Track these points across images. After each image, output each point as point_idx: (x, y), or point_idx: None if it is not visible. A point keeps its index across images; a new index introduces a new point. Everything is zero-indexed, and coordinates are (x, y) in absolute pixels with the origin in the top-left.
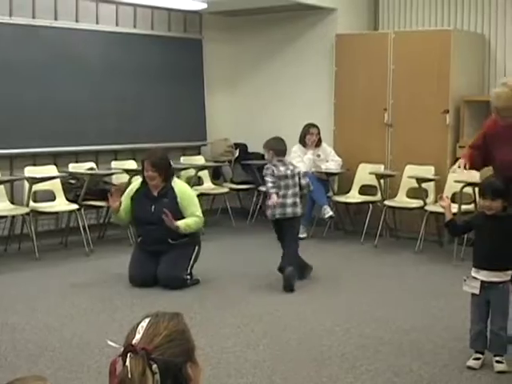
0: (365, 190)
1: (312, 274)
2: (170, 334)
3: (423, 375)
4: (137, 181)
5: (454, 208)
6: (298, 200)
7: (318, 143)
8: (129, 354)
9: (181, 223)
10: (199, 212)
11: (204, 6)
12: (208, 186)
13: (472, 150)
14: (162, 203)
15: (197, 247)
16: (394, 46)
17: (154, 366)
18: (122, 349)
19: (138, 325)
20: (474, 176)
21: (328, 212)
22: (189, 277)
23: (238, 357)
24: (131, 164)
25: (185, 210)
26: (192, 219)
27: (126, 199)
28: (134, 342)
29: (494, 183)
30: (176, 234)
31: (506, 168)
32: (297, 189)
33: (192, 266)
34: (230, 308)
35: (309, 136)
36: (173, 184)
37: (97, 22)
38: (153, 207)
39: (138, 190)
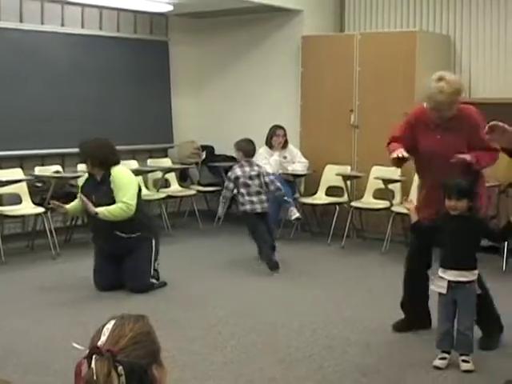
0: (331, 191)
1: (279, 275)
2: (136, 335)
3: (390, 375)
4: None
5: None
6: (263, 197)
7: (285, 145)
8: (94, 356)
9: (101, 209)
10: (127, 198)
11: (170, 8)
12: (175, 188)
13: (395, 142)
14: (101, 191)
15: (153, 241)
16: (359, 47)
17: (120, 368)
18: (88, 351)
19: (103, 327)
20: None
21: (295, 214)
22: (154, 280)
23: (204, 359)
24: None
25: (115, 196)
26: (116, 205)
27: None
28: (99, 343)
29: (460, 183)
30: (124, 227)
31: (427, 154)
32: (262, 188)
33: (154, 265)
34: (197, 310)
35: (275, 138)
36: (111, 171)
37: (62, 24)
38: (93, 196)
39: (86, 180)
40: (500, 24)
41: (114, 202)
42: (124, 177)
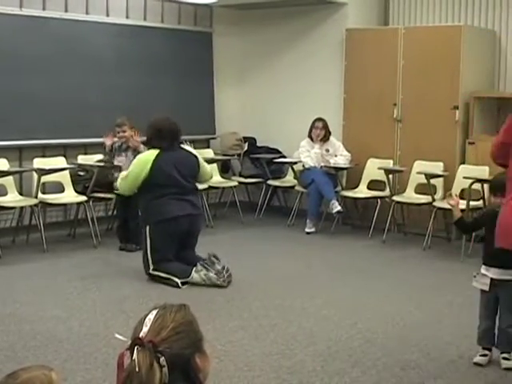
0: (373, 185)
1: (319, 269)
2: (177, 326)
3: (430, 371)
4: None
5: (463, 205)
6: None
7: (326, 137)
8: (136, 347)
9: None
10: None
11: None
12: (217, 179)
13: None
14: None
15: (148, 230)
16: (404, 41)
17: (162, 359)
18: (130, 342)
19: (145, 317)
20: (484, 172)
21: (336, 207)
22: (155, 272)
23: (245, 350)
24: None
25: None
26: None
27: None
28: (141, 334)
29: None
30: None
31: None
32: None
33: (152, 258)
34: (238, 301)
35: (314, 130)
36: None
37: (107, 14)
38: None
39: None
40: None
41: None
42: (138, 158)
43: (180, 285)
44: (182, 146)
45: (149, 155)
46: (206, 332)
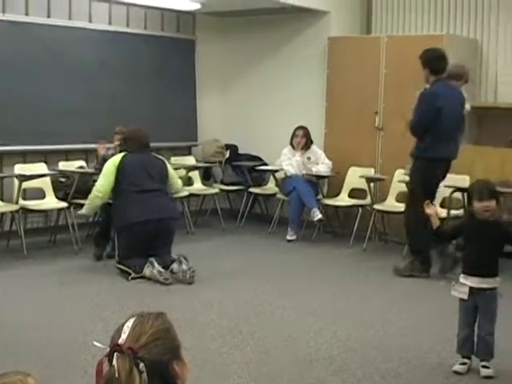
0: (354, 193)
1: (299, 277)
2: (156, 332)
3: (410, 379)
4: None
5: (444, 213)
6: None
7: (308, 145)
8: (115, 354)
9: None
10: (96, 186)
11: (197, 6)
12: (198, 186)
13: None
14: None
15: (116, 233)
16: (386, 50)
17: (141, 365)
18: (109, 349)
19: (123, 325)
20: (464, 180)
21: (317, 215)
22: (117, 265)
23: (224, 358)
24: None
25: None
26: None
27: None
28: (120, 341)
29: (489, 183)
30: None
31: None
32: None
33: (119, 255)
34: (217, 309)
35: (295, 138)
36: None
37: (90, 21)
38: None
39: None
40: None
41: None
42: (106, 164)
43: (129, 278)
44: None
45: (115, 158)
46: (184, 339)
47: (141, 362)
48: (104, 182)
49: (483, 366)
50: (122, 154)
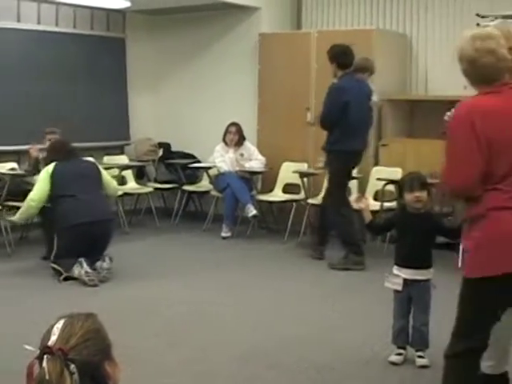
0: (288, 188)
1: (235, 273)
2: (86, 333)
3: (346, 372)
4: None
5: (377, 206)
6: None
7: (241, 142)
8: (45, 356)
9: None
10: (30, 195)
11: (127, 4)
12: (132, 185)
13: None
14: None
15: (55, 235)
16: (317, 45)
17: (72, 367)
18: (39, 351)
19: (52, 326)
20: (397, 173)
21: (252, 211)
22: (52, 264)
23: (160, 357)
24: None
25: None
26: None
27: None
28: (49, 343)
29: (421, 175)
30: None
31: None
32: None
33: (55, 256)
34: (153, 307)
35: (228, 135)
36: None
37: (18, 20)
38: None
39: None
40: (456, 22)
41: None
42: (40, 175)
43: (61, 279)
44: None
45: (49, 166)
46: (119, 339)
47: (71, 364)
48: (38, 190)
49: (419, 356)
50: (51, 164)
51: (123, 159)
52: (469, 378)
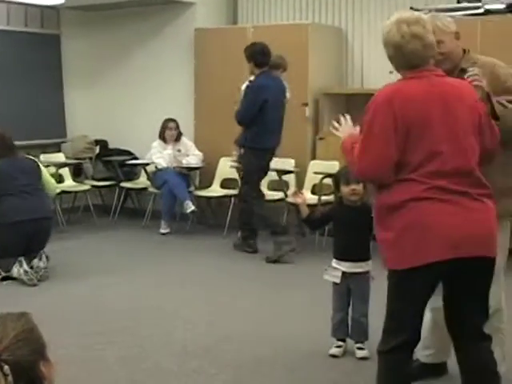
0: (227, 183)
1: (174, 269)
2: (19, 333)
3: (286, 365)
4: None
5: (314, 200)
6: None
7: (178, 137)
8: None
9: None
10: None
11: (61, 1)
12: (69, 183)
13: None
14: None
15: None
16: (252, 40)
17: (6, 368)
18: None
19: None
20: (334, 166)
21: (190, 207)
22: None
23: (100, 355)
24: None
25: None
26: None
27: None
28: None
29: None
30: None
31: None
32: None
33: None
34: (92, 305)
35: (167, 131)
36: None
37: None
38: None
39: None
40: (391, 15)
41: None
42: None
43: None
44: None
45: None
46: (59, 338)
47: (5, 365)
48: None
49: (358, 348)
50: None
51: (60, 157)
52: (405, 372)
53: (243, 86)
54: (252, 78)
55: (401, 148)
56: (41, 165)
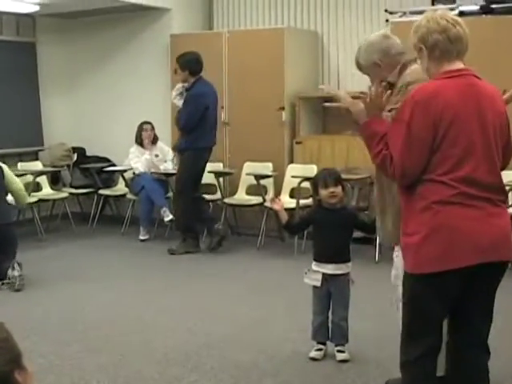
0: (204, 188)
1: (153, 276)
2: None
3: (267, 369)
4: None
5: (293, 203)
6: None
7: (154, 140)
8: None
9: None
10: None
11: (36, 8)
12: (47, 191)
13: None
14: None
15: None
16: (228, 45)
17: None
18: None
19: None
20: (312, 170)
21: (168, 215)
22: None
23: (80, 363)
24: None
25: None
26: None
27: None
28: None
29: (335, 171)
30: None
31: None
32: None
33: None
34: (71, 313)
35: (144, 133)
36: None
37: None
38: None
39: None
40: (366, 18)
41: None
42: None
43: None
44: None
45: None
46: (38, 347)
47: None
48: None
49: (338, 351)
50: None
51: (37, 165)
52: (432, 379)
53: (174, 93)
54: (181, 85)
55: (434, 149)
56: (7, 171)
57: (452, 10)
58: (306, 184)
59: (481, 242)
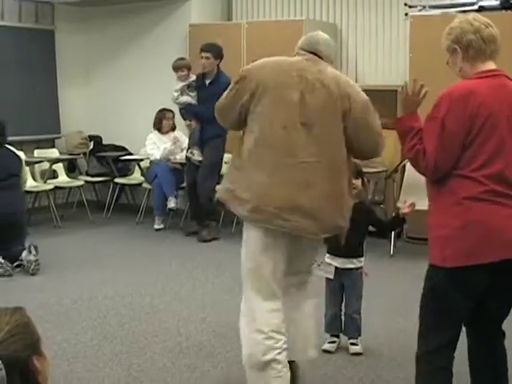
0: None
1: (167, 265)
2: (13, 328)
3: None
4: None
5: None
6: None
7: (173, 129)
8: None
9: None
10: None
11: None
12: (63, 179)
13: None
14: None
15: None
16: (247, 36)
17: None
18: None
19: None
20: None
21: (170, 204)
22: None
23: (95, 350)
24: None
25: None
26: None
27: None
28: None
29: (356, 164)
30: None
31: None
32: None
33: None
34: (86, 301)
35: (165, 121)
36: None
37: None
38: None
39: None
40: (385, 12)
41: None
42: None
43: None
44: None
45: None
46: (55, 334)
47: None
48: None
49: (351, 344)
50: None
51: (54, 152)
52: (448, 372)
53: (176, 93)
54: (181, 84)
55: (466, 145)
56: (23, 163)
57: (472, 4)
58: None
59: (508, 238)
